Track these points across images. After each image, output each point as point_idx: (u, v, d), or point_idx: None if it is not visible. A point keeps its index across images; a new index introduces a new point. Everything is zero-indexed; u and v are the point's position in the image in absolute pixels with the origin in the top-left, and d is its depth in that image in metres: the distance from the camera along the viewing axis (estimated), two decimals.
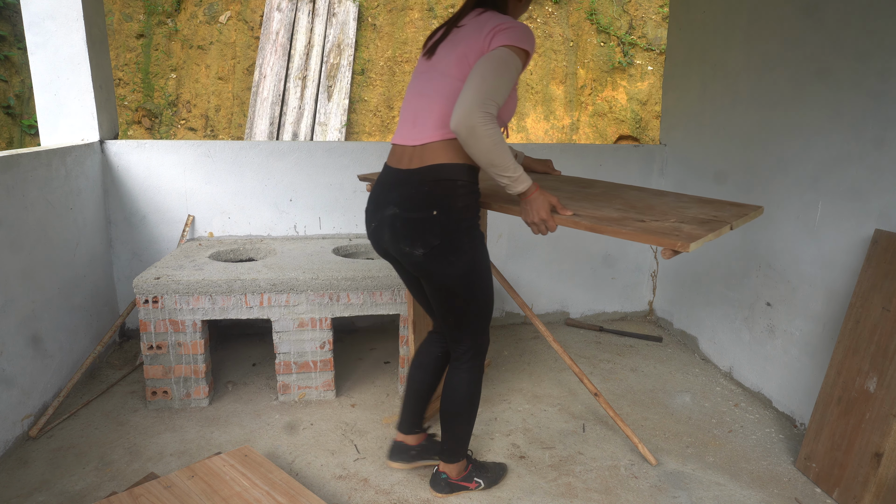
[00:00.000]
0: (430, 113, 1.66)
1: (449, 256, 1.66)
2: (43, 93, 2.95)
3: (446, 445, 1.98)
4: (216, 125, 6.18)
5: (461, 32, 1.65)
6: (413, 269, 1.74)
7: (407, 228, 1.66)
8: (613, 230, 1.55)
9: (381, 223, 1.74)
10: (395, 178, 1.72)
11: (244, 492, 1.80)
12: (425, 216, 1.64)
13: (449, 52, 1.65)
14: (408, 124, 1.72)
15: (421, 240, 1.65)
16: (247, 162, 3.17)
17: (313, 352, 2.59)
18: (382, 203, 1.74)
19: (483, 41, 1.57)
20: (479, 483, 2.04)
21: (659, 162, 3.56)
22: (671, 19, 3.47)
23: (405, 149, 1.71)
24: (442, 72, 1.65)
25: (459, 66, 1.60)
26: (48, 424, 2.37)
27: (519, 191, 1.59)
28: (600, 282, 3.68)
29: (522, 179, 1.57)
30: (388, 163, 1.79)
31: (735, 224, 1.64)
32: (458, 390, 1.88)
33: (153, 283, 2.42)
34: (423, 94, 1.69)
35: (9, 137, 5.74)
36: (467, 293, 1.75)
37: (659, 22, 7.08)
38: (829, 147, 2.30)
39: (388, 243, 1.74)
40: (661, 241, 1.46)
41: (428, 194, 1.64)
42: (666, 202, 1.87)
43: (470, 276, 1.72)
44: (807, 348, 2.46)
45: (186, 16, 6.38)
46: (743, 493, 2.08)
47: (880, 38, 2.08)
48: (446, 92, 1.63)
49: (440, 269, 1.69)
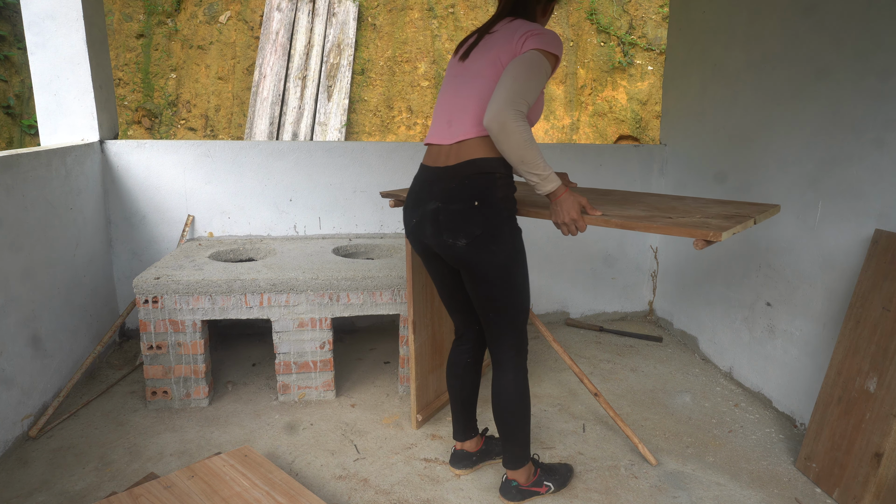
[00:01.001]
0: (465, 112, 1.71)
1: (490, 246, 1.70)
2: (43, 93, 2.95)
3: (508, 453, 1.96)
4: (216, 125, 6.18)
5: (493, 38, 1.73)
6: (455, 262, 1.77)
7: (449, 220, 1.71)
8: (645, 226, 1.62)
9: (423, 218, 1.78)
10: (433, 175, 1.77)
11: (244, 492, 1.80)
12: (467, 207, 1.69)
13: (482, 56, 1.72)
14: (442, 124, 1.77)
15: (463, 230, 1.69)
16: (247, 162, 3.17)
17: (313, 352, 2.59)
18: (423, 199, 1.79)
19: (515, 45, 1.64)
20: (550, 486, 2.03)
21: (659, 162, 3.56)
22: (671, 19, 3.47)
23: (441, 147, 1.77)
24: (475, 73, 1.72)
25: (493, 68, 1.67)
26: (48, 424, 2.37)
27: (548, 190, 1.63)
28: (600, 282, 3.68)
29: (552, 178, 1.62)
30: (424, 162, 1.84)
31: (758, 218, 1.70)
32: (507, 396, 1.87)
33: (153, 283, 2.42)
34: (458, 96, 1.75)
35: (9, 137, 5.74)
36: (507, 284, 1.76)
37: (659, 22, 7.08)
38: (829, 147, 2.30)
39: (431, 237, 1.78)
40: (694, 233, 1.53)
41: (468, 186, 1.69)
42: (686, 203, 1.94)
43: (510, 267, 1.75)
44: (807, 348, 2.46)
45: (186, 16, 6.38)
46: (743, 493, 2.08)
47: (880, 38, 2.08)
48: (480, 92, 1.69)
49: (482, 259, 1.72)
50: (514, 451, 1.94)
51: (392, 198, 2.22)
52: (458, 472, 2.14)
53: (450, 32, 6.80)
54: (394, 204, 2.23)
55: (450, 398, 2.12)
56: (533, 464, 2.02)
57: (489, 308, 1.81)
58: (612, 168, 3.51)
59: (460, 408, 2.10)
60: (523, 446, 1.95)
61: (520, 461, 1.96)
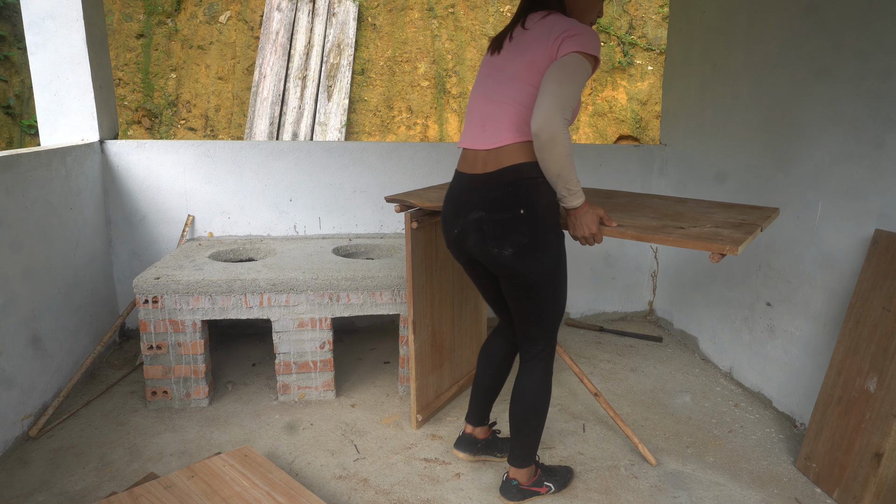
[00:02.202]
0: (501, 117, 1.67)
1: (537, 254, 1.68)
2: (43, 93, 2.95)
3: (517, 451, 1.95)
4: (216, 125, 6.18)
5: (528, 36, 1.65)
6: (499, 270, 1.74)
7: (495, 229, 1.67)
8: (660, 238, 1.63)
9: (465, 228, 1.74)
10: (472, 183, 1.73)
11: (244, 492, 1.80)
12: (513, 216, 1.65)
13: (517, 57, 1.66)
14: (476, 128, 1.73)
15: (510, 239, 1.66)
16: (247, 162, 3.17)
17: (313, 352, 2.59)
18: (464, 208, 1.74)
19: (551, 46, 1.58)
20: (550, 487, 2.03)
21: (659, 162, 3.56)
22: (671, 19, 3.47)
23: (477, 153, 1.72)
24: (511, 76, 1.66)
25: (530, 72, 1.62)
26: (48, 424, 2.37)
27: (574, 205, 1.62)
28: (600, 282, 3.68)
29: (580, 194, 1.61)
30: (460, 169, 1.79)
31: (763, 225, 1.74)
32: (530, 395, 1.87)
33: (153, 283, 2.42)
34: (492, 100, 1.70)
35: (9, 137, 5.74)
36: (550, 291, 1.75)
37: (659, 22, 7.09)
38: (829, 147, 2.30)
39: (474, 247, 1.74)
40: (710, 247, 1.56)
41: (512, 194, 1.65)
42: (690, 208, 1.94)
43: (555, 274, 1.74)
44: (807, 348, 2.46)
45: (186, 16, 6.38)
46: (743, 494, 2.08)
47: (880, 38, 2.08)
48: (517, 97, 1.64)
49: (528, 268, 1.69)
50: (525, 449, 1.95)
51: (398, 203, 2.20)
52: (461, 455, 2.15)
53: (450, 32, 6.80)
54: (399, 209, 2.22)
55: (475, 381, 2.11)
56: (535, 464, 2.03)
57: (530, 313, 1.79)
58: (612, 168, 3.51)
59: (483, 393, 2.10)
60: (532, 448, 1.96)
61: (525, 461, 1.96)
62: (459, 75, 6.68)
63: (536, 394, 1.87)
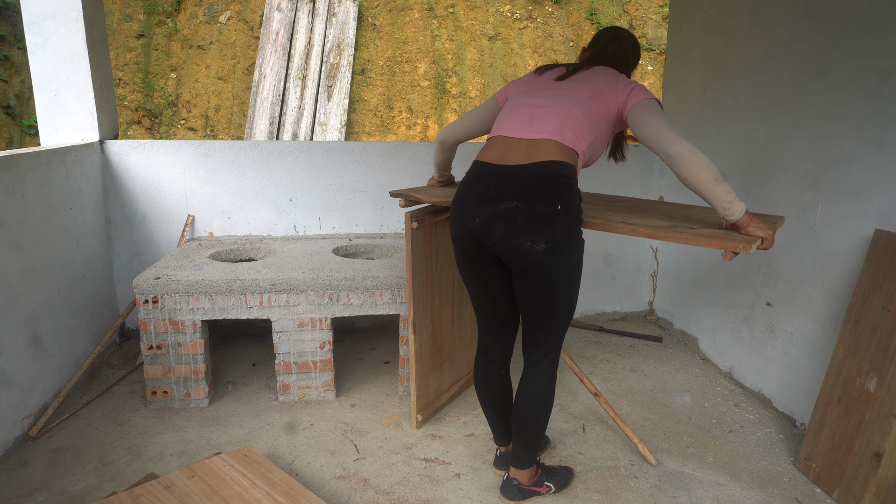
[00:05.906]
0: (549, 116, 1.73)
1: (565, 253, 1.68)
2: (43, 93, 2.95)
3: (519, 452, 1.96)
4: (216, 125, 6.18)
5: (589, 74, 1.83)
6: (522, 266, 1.69)
7: (531, 222, 1.64)
8: (672, 236, 1.65)
9: (494, 217, 1.68)
10: (504, 173, 1.69)
11: (244, 492, 1.80)
12: (550, 210, 1.64)
13: (581, 84, 1.80)
14: (523, 121, 1.76)
15: (544, 235, 1.64)
16: (247, 162, 3.17)
17: (313, 352, 2.59)
18: (493, 197, 1.69)
19: (620, 92, 1.77)
20: (550, 487, 2.03)
21: (659, 162, 3.55)
22: (671, 19, 3.47)
23: (514, 142, 1.73)
24: (570, 95, 1.78)
25: (592, 97, 1.77)
26: (48, 424, 2.37)
27: (740, 210, 1.61)
28: (600, 282, 3.68)
29: (738, 199, 1.66)
30: (487, 160, 1.76)
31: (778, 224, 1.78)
32: (534, 398, 1.86)
33: (153, 283, 2.42)
34: (542, 106, 1.77)
35: (9, 137, 5.75)
36: (566, 294, 1.74)
37: (659, 22, 7.09)
38: (829, 147, 2.30)
39: (501, 238, 1.69)
40: (724, 245, 1.58)
41: (550, 188, 1.64)
42: (696, 213, 1.96)
43: (575, 277, 1.74)
44: (807, 348, 2.46)
45: (186, 16, 6.38)
46: (743, 493, 2.08)
47: (880, 38, 2.08)
48: (570, 108, 1.74)
49: (554, 266, 1.68)
50: (527, 451, 1.95)
51: (402, 198, 2.19)
52: (502, 473, 2.14)
53: (450, 32, 6.80)
54: (404, 204, 2.21)
55: (487, 409, 2.07)
56: (536, 464, 2.03)
57: (544, 314, 1.77)
58: (612, 168, 3.51)
59: (501, 415, 2.07)
60: (534, 449, 1.96)
61: (527, 462, 1.97)
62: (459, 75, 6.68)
63: (540, 398, 1.86)
